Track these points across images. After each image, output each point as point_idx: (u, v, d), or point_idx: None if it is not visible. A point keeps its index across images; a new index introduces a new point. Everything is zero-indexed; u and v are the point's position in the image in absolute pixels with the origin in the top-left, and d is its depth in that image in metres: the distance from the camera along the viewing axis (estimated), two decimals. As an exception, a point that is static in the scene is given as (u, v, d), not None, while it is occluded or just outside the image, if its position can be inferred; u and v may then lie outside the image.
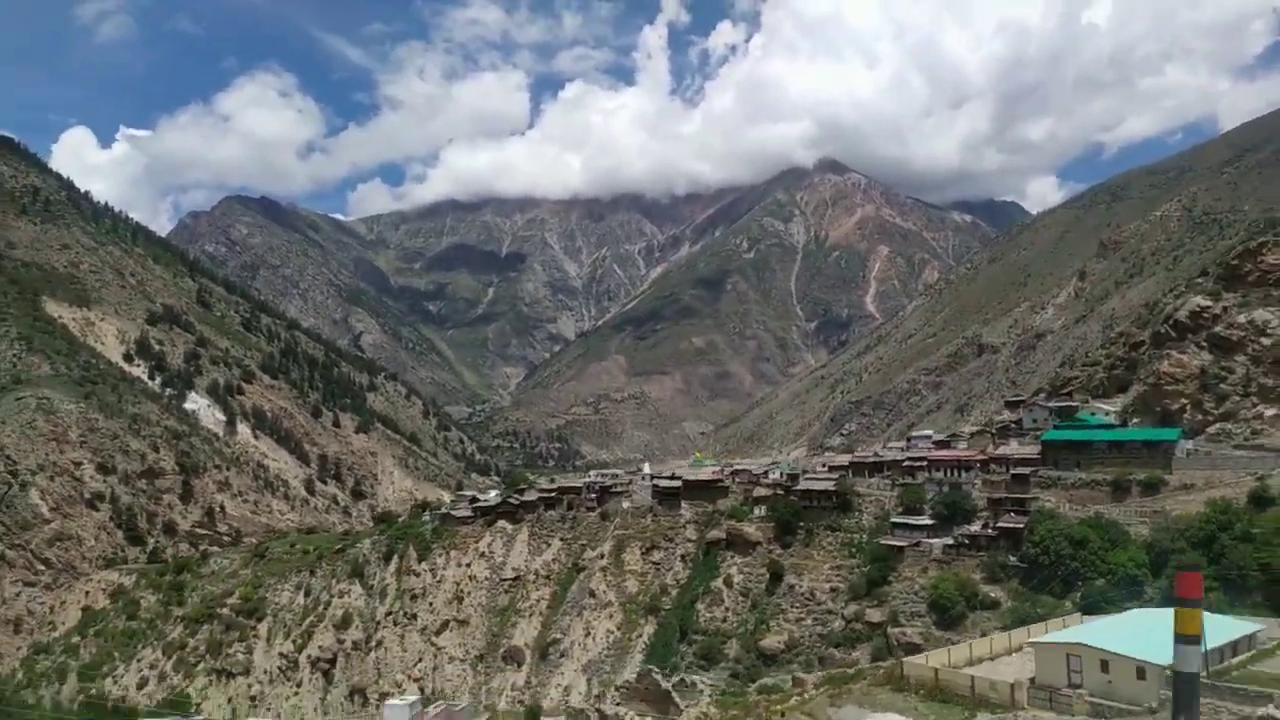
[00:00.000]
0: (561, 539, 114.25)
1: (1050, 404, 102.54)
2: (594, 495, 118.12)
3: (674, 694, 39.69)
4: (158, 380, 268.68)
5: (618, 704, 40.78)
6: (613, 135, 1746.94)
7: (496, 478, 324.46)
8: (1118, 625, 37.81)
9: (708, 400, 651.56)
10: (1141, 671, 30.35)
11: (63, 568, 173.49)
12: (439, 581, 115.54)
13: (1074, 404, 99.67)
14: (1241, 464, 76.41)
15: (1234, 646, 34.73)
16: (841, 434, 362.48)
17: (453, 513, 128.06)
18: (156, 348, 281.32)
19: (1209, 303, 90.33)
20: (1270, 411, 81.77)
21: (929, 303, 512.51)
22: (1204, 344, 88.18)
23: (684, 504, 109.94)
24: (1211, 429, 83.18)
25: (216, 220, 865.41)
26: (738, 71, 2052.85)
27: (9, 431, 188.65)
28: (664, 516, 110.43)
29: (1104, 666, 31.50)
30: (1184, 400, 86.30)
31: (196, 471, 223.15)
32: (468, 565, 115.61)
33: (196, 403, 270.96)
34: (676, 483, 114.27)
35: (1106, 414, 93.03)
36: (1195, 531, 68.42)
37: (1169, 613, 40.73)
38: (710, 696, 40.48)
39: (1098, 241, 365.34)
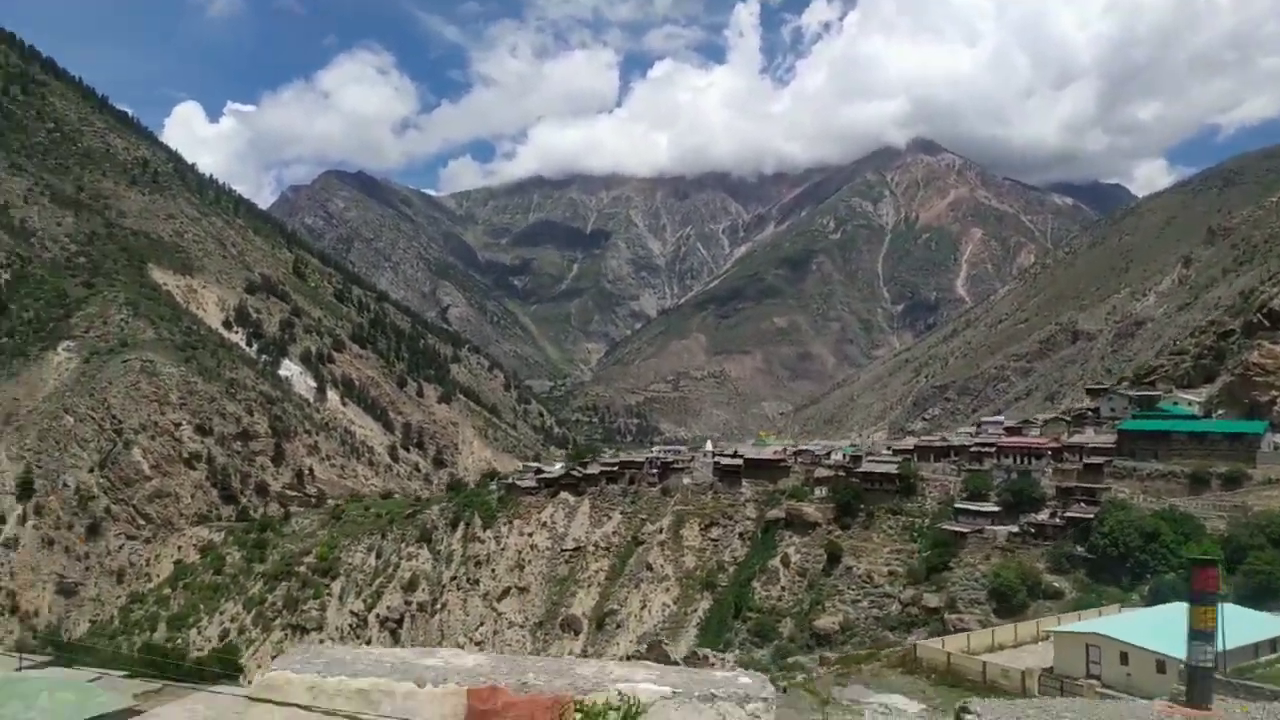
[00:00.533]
0: (622, 512, 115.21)
1: (1131, 393, 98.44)
2: (655, 470, 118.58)
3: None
4: (254, 347, 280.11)
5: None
6: (701, 114, 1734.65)
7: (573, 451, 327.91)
8: (1144, 618, 36.17)
9: (788, 381, 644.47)
10: (1161, 665, 28.98)
11: (161, 523, 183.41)
12: (502, 549, 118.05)
13: (1156, 393, 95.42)
14: (1333, 460, 72.26)
15: (1272, 643, 32.84)
16: (924, 418, 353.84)
17: (518, 483, 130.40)
18: (254, 316, 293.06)
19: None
20: (1369, 406, 76.68)
21: (1023, 286, 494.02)
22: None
23: (745, 482, 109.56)
24: (1302, 423, 78.44)
25: (315, 194, 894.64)
26: (831, 49, 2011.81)
27: (115, 392, 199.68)
28: (724, 494, 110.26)
29: (1123, 658, 30.20)
30: (1274, 392, 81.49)
31: (288, 435, 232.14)
32: (530, 534, 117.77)
33: (289, 369, 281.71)
34: (738, 461, 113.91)
35: (1189, 404, 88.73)
36: (1277, 527, 65.24)
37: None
38: (724, 668, 40.50)
39: (1206, 227, 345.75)
